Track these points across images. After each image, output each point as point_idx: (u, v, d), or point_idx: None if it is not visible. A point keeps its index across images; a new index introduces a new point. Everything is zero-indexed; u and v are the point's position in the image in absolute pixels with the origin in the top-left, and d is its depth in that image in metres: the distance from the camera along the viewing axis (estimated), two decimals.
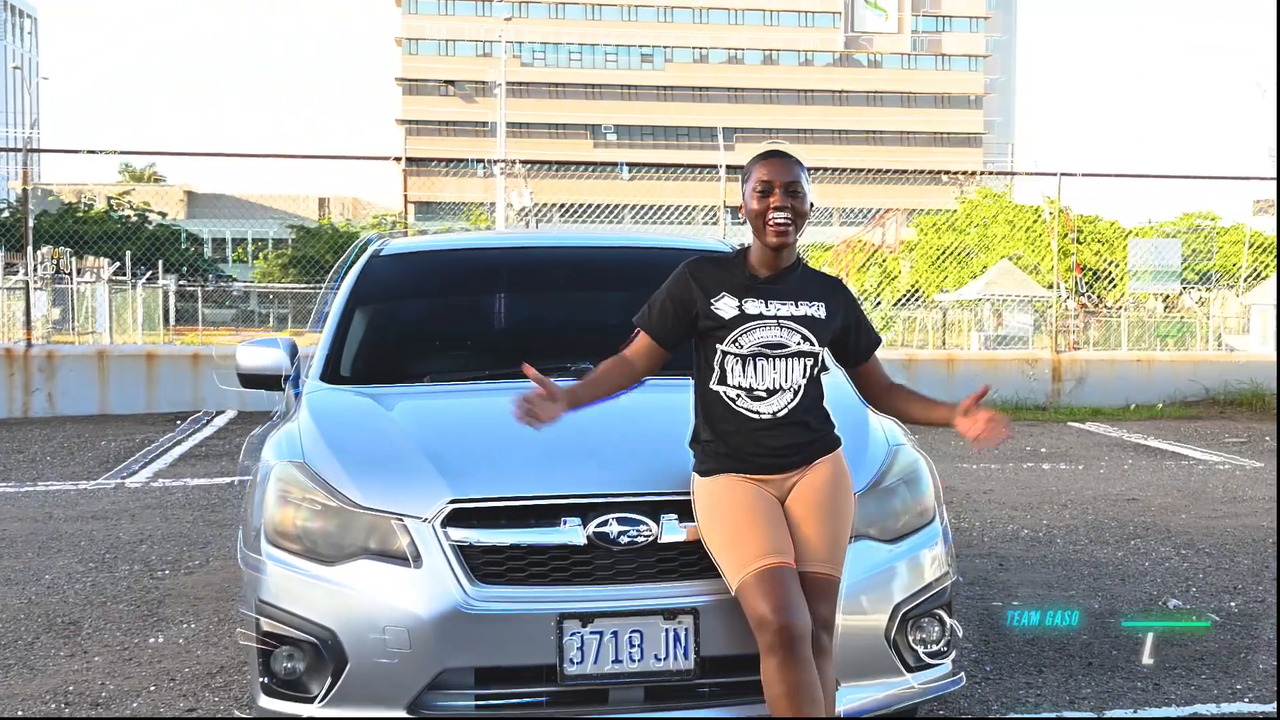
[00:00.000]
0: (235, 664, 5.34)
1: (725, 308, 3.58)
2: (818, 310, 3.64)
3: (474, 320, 5.47)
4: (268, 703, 3.65)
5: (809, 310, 3.62)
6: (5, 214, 42.00)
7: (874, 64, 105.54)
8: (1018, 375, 17.13)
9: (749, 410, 3.56)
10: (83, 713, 4.84)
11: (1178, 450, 12.71)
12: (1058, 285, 19.69)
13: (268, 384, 5.11)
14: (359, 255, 5.57)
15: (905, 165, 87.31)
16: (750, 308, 3.58)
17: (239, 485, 9.91)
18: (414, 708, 3.49)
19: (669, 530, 3.57)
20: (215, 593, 6.65)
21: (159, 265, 38.65)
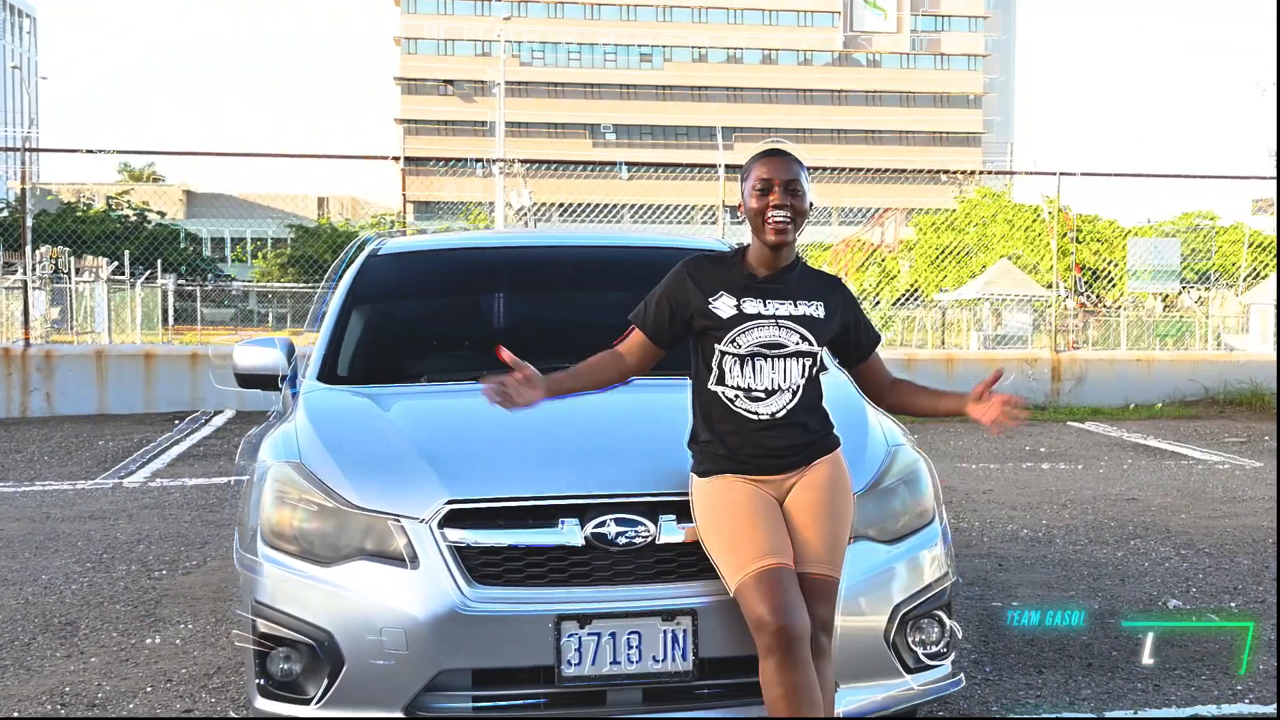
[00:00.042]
0: (232, 665, 5.32)
1: (723, 307, 3.56)
2: (816, 310, 3.61)
3: (471, 320, 5.45)
4: (264, 704, 3.63)
5: (807, 310, 3.60)
6: (4, 213, 41.95)
7: (873, 63, 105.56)
8: (1017, 375, 17.12)
9: (747, 411, 3.54)
10: (79, 713, 4.82)
11: (1177, 450, 12.69)
12: (1057, 285, 19.67)
13: (265, 384, 5.09)
14: (356, 255, 5.54)
15: (904, 165, 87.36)
16: (748, 307, 3.56)
17: (235, 486, 9.89)
18: (411, 709, 3.47)
19: (667, 531, 3.55)
20: (212, 593, 6.63)
21: (158, 265, 38.61)
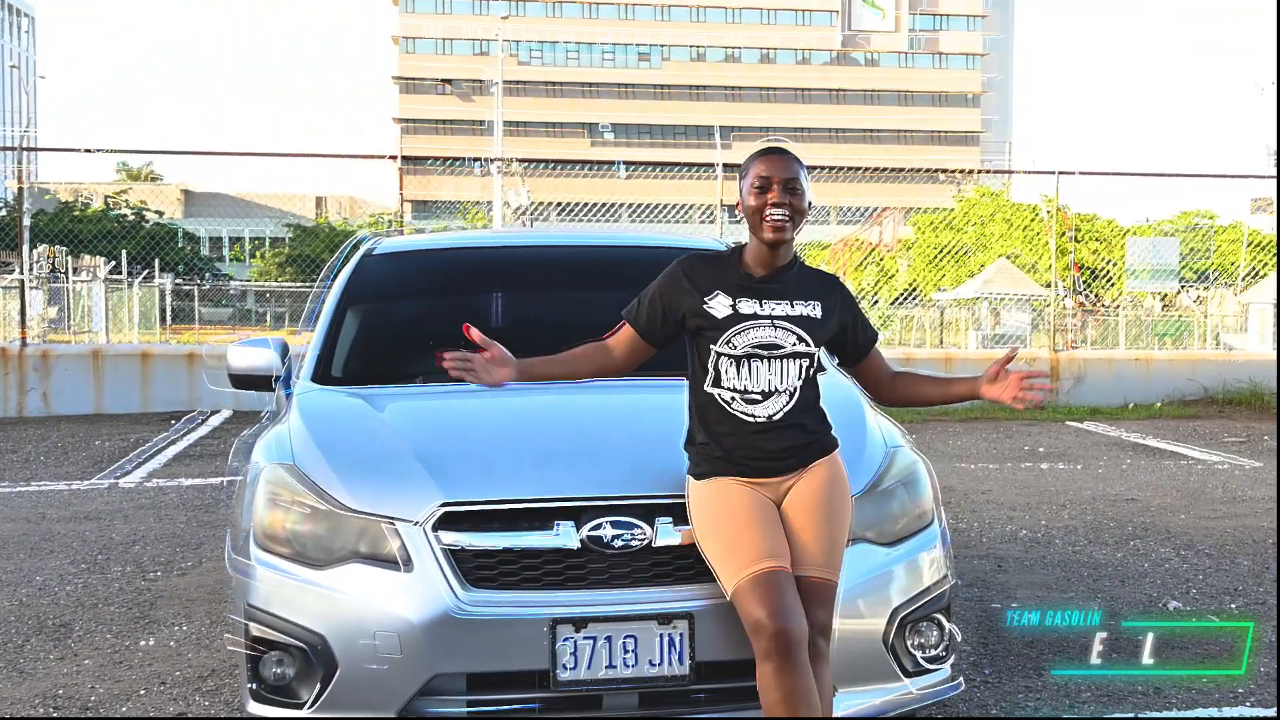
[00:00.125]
0: (226, 668, 5.29)
1: (718, 307, 3.53)
2: (814, 310, 3.58)
3: (467, 320, 5.40)
4: (257, 708, 3.60)
5: (805, 310, 3.56)
6: (2, 213, 41.92)
7: (871, 62, 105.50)
8: None
9: (744, 413, 3.50)
10: (72, 716, 4.79)
11: (1176, 450, 12.67)
12: (1055, 284, 19.63)
13: (259, 384, 5.05)
14: (351, 254, 5.51)
15: (902, 164, 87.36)
16: (744, 307, 3.52)
17: (229, 486, 9.85)
18: (405, 713, 3.44)
19: (663, 534, 3.52)
20: (207, 595, 6.60)
21: (155, 264, 38.57)
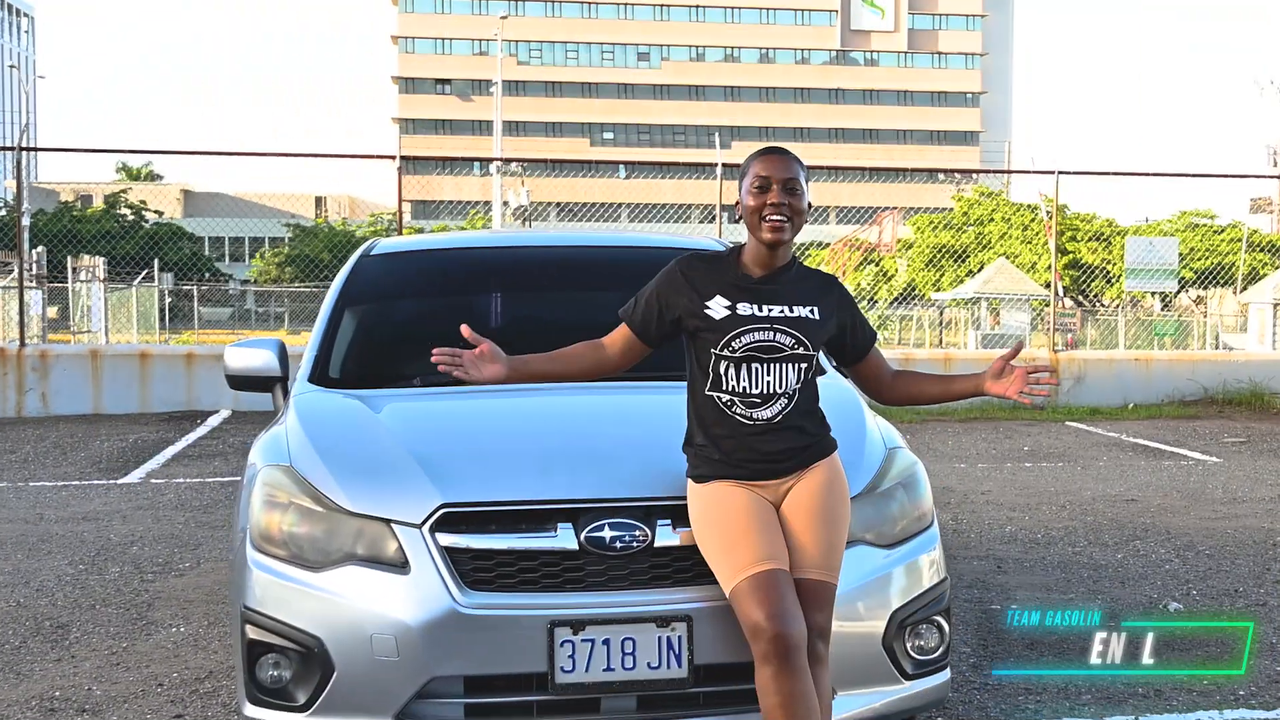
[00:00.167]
0: (224, 669, 5.28)
1: (716, 308, 3.51)
2: (812, 312, 3.56)
3: (465, 321, 5.38)
4: (253, 711, 3.58)
5: (803, 312, 3.54)
6: (1, 213, 41.95)
7: (870, 62, 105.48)
8: None
9: (742, 416, 3.49)
10: (68, 719, 4.77)
11: (1176, 450, 12.65)
12: (1055, 284, 19.61)
13: (256, 386, 5.04)
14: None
15: (902, 164, 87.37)
16: (742, 309, 3.50)
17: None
18: (402, 716, 3.42)
19: (663, 535, 3.50)
20: (205, 596, 6.59)
21: (155, 264, 38.56)
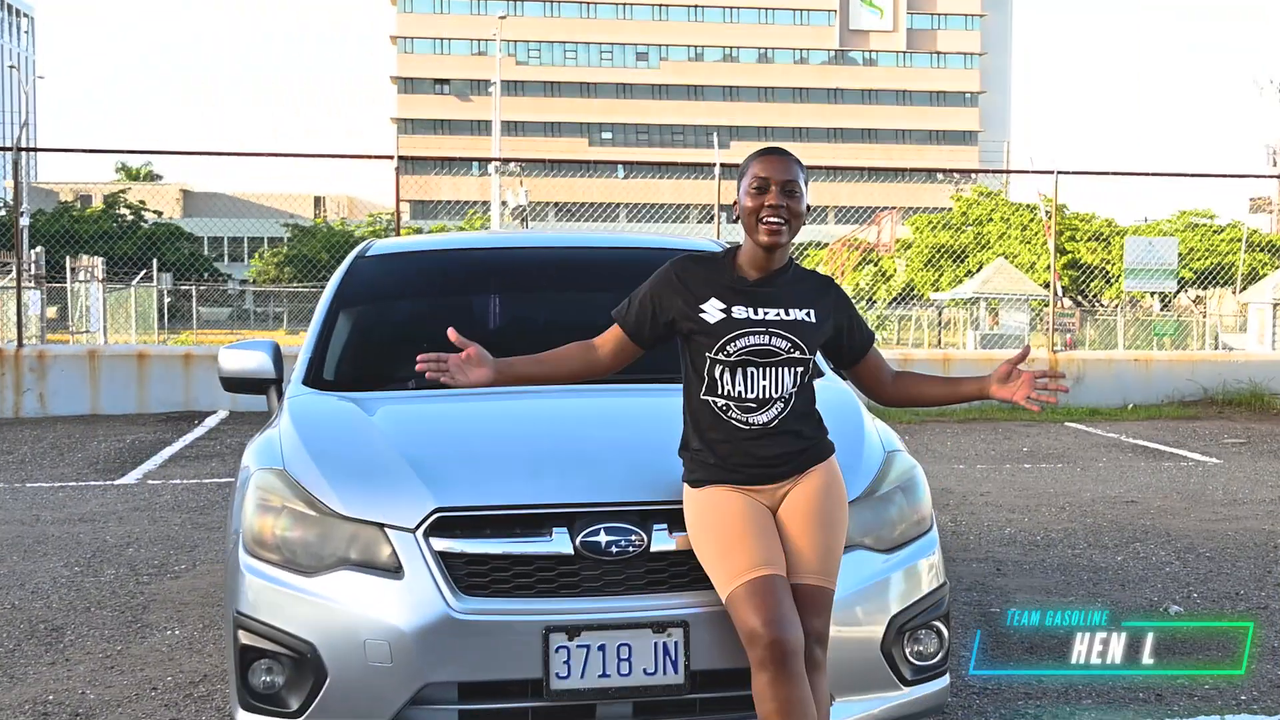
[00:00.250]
0: (218, 673, 5.25)
1: (711, 311, 3.48)
2: (808, 315, 3.52)
3: (461, 323, 5.32)
4: (246, 717, 3.55)
5: (799, 315, 3.51)
6: (1, 213, 41.90)
7: (869, 62, 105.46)
8: None
9: (738, 420, 3.45)
10: None
11: (1176, 451, 12.62)
12: (1054, 284, 19.58)
13: (251, 388, 5.00)
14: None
15: (901, 163, 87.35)
16: (738, 313, 3.47)
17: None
18: None
19: (659, 540, 3.46)
20: (201, 598, 6.56)
21: (153, 264, 38.51)
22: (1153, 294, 35.25)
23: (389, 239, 6.18)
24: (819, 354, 3.66)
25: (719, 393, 3.46)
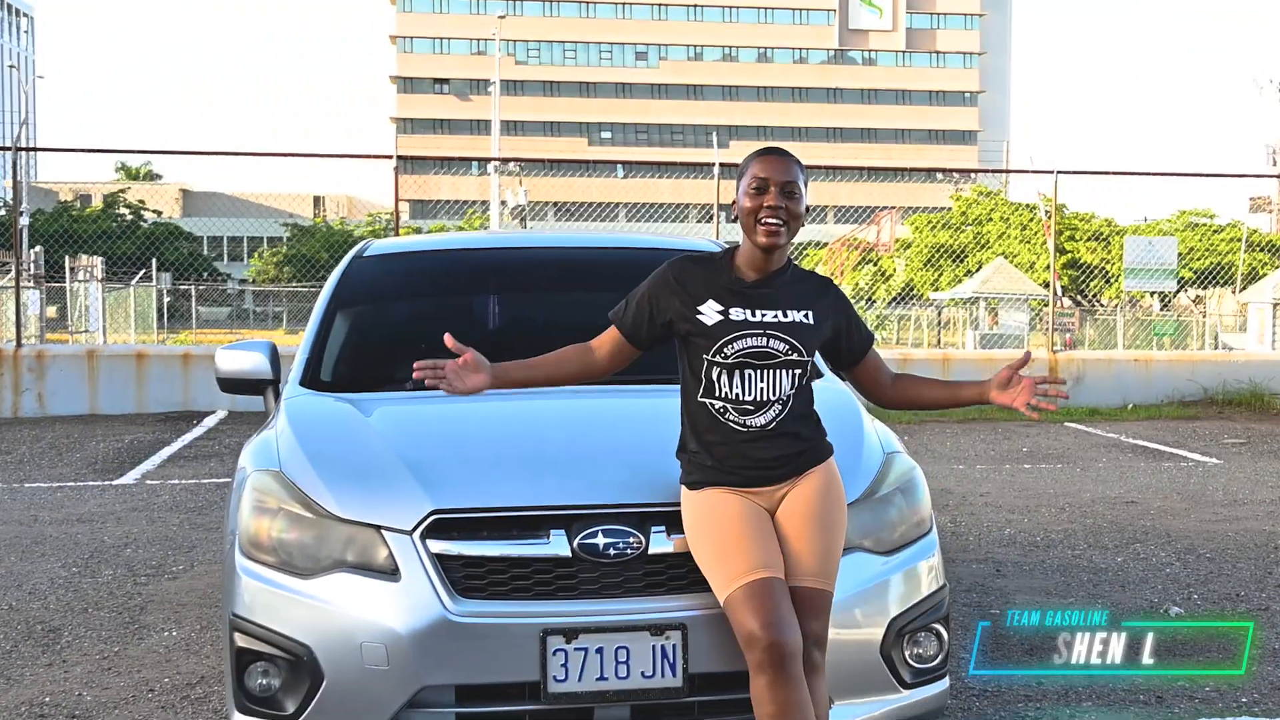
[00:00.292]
0: (215, 674, 5.23)
1: (709, 313, 3.46)
2: (806, 317, 3.50)
3: (459, 323, 5.31)
4: None
5: (797, 317, 3.48)
6: (1, 212, 41.88)
7: (868, 61, 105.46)
8: None
9: (736, 423, 3.43)
10: None
11: (1176, 451, 12.61)
12: (1054, 284, 19.56)
13: (248, 389, 4.98)
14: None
15: (900, 163, 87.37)
16: (735, 314, 3.45)
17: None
18: None
19: (657, 542, 3.45)
20: (198, 599, 6.54)
21: (153, 264, 38.48)
22: (1152, 294, 35.24)
23: (387, 239, 6.15)
24: (818, 355, 3.64)
25: (716, 395, 3.44)
